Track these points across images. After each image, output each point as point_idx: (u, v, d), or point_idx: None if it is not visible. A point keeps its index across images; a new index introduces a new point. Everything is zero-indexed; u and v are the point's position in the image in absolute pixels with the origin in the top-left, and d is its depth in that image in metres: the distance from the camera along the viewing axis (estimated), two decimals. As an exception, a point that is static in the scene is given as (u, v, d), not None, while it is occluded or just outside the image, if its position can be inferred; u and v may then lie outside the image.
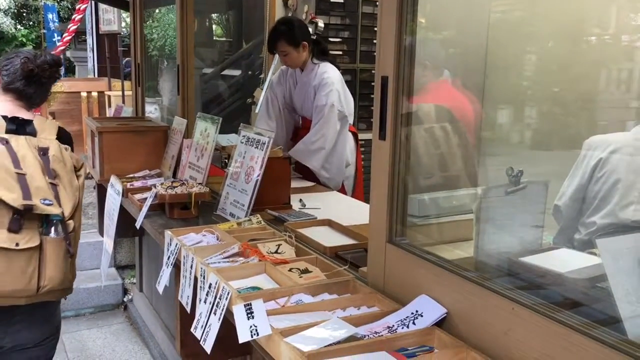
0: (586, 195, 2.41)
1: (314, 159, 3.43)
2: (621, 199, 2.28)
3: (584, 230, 2.25)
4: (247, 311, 1.52)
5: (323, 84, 3.41)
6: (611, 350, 1.12)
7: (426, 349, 1.41)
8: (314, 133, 3.43)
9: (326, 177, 3.51)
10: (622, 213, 2.24)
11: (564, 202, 2.44)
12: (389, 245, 1.72)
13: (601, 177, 2.38)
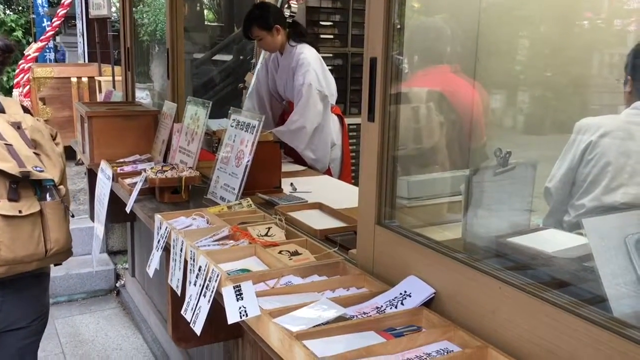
0: (576, 177, 2.42)
1: (297, 138, 3.44)
2: (610, 182, 2.29)
3: (573, 213, 2.26)
4: (236, 293, 1.52)
5: (300, 64, 3.41)
6: (597, 328, 1.13)
7: (414, 328, 1.42)
8: (295, 113, 3.45)
9: (312, 158, 3.52)
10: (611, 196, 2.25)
11: (554, 185, 2.45)
12: (378, 227, 1.72)
13: (591, 160, 2.39)
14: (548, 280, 1.36)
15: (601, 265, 1.30)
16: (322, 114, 3.48)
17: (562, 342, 1.19)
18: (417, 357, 1.29)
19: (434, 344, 1.35)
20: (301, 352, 1.27)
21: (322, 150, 3.55)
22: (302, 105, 3.41)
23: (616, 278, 1.29)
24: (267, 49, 3.59)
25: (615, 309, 1.22)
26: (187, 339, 2.41)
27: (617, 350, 1.09)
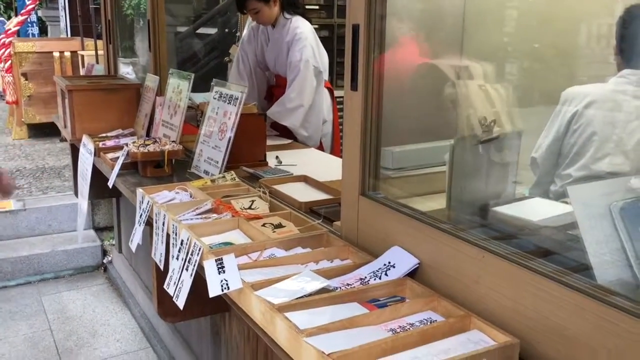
0: (562, 147, 2.40)
1: (293, 117, 3.38)
2: (596, 152, 2.28)
3: (559, 183, 2.25)
4: (218, 266, 1.50)
5: (296, 39, 3.33)
6: (582, 295, 1.12)
7: (398, 299, 1.41)
8: (292, 91, 3.37)
9: (305, 135, 3.47)
10: (597, 165, 2.24)
11: (540, 155, 2.44)
12: (361, 198, 1.70)
13: (577, 130, 2.37)
14: (532, 249, 1.34)
15: (585, 233, 1.29)
16: (315, 91, 3.43)
17: (546, 310, 1.18)
18: (400, 328, 1.28)
19: (417, 314, 1.34)
20: (283, 324, 1.25)
21: (315, 127, 3.51)
22: (300, 82, 3.35)
23: (600, 246, 1.28)
24: (263, 22, 3.49)
25: (600, 276, 1.22)
26: (173, 313, 2.40)
27: (602, 318, 1.08)
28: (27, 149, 6.37)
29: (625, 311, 1.04)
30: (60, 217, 4.54)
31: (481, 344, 1.20)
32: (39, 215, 4.48)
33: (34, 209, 4.48)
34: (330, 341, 1.18)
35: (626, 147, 2.23)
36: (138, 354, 3.29)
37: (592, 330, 1.09)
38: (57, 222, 4.53)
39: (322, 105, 3.52)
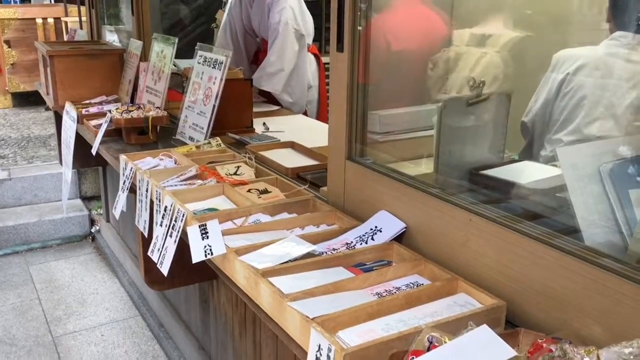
0: (552, 111, 2.37)
1: (274, 82, 3.32)
2: (587, 116, 2.26)
3: (549, 147, 2.23)
4: (202, 231, 1.47)
5: (276, 0, 3.26)
6: (569, 257, 1.11)
7: (384, 263, 1.39)
8: (271, 54, 3.31)
9: (289, 101, 3.42)
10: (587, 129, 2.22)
11: (530, 119, 2.41)
12: (348, 162, 1.67)
13: (567, 93, 2.34)
14: (520, 212, 1.32)
15: (574, 195, 1.27)
16: (297, 55, 3.36)
17: (533, 272, 1.17)
18: (386, 292, 1.26)
19: (403, 278, 1.32)
20: (267, 289, 1.23)
21: (299, 92, 3.45)
22: (279, 46, 3.28)
23: (589, 207, 1.26)
24: None
25: (588, 238, 1.20)
26: (160, 281, 2.37)
27: (589, 279, 1.06)
28: (11, 118, 6.27)
29: (613, 272, 1.03)
30: (46, 186, 4.48)
31: (468, 307, 1.18)
32: (25, 185, 4.42)
33: (20, 178, 4.42)
34: (314, 305, 1.16)
35: (616, 111, 2.20)
36: (127, 322, 3.28)
37: (579, 292, 1.08)
38: (43, 192, 4.48)
39: (305, 70, 3.46)
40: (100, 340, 3.10)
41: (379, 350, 1.03)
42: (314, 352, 1.07)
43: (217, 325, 2.48)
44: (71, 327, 3.22)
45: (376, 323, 1.14)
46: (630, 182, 1.28)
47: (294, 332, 1.16)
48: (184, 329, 2.86)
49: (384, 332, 1.10)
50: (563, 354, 0.88)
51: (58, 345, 3.05)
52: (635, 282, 0.99)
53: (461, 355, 0.96)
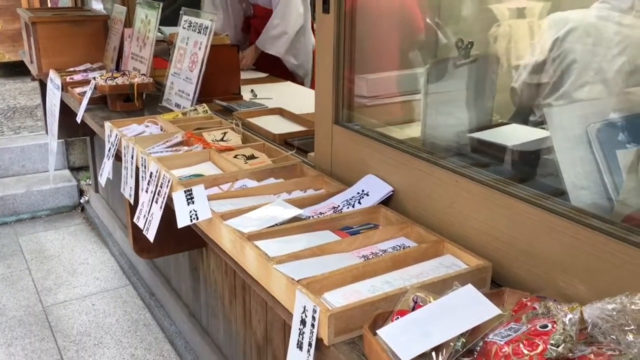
0: (542, 76, 2.36)
1: (277, 45, 3.30)
2: (576, 80, 2.24)
3: (539, 113, 2.22)
4: (187, 197, 1.46)
5: None
6: (555, 216, 1.10)
7: (371, 226, 1.39)
8: (275, 17, 3.29)
9: (294, 63, 3.40)
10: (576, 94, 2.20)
11: (519, 84, 2.39)
12: (335, 126, 1.65)
13: (557, 57, 2.32)
14: (507, 174, 1.32)
15: (561, 155, 1.27)
16: (303, 16, 3.33)
17: (519, 232, 1.17)
18: (372, 254, 1.26)
19: (390, 241, 1.32)
20: (252, 252, 1.22)
21: (304, 54, 3.42)
22: (282, 8, 3.25)
23: (576, 168, 1.25)
24: None
25: (574, 199, 1.20)
26: (149, 249, 2.37)
27: (575, 238, 1.06)
28: (-3, 89, 6.19)
29: (598, 231, 1.03)
30: (34, 157, 4.44)
31: (454, 268, 1.18)
32: (12, 156, 4.38)
33: (7, 149, 4.37)
34: (300, 268, 1.16)
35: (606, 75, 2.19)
36: (118, 291, 3.29)
37: (564, 251, 1.08)
38: (31, 162, 4.44)
39: (311, 31, 3.43)
40: (91, 310, 3.10)
41: (364, 311, 1.03)
42: (300, 314, 1.07)
43: (207, 292, 2.49)
44: (62, 297, 3.22)
45: (362, 285, 1.14)
46: (617, 142, 1.28)
47: (279, 294, 1.16)
48: (174, 298, 2.87)
49: (370, 293, 1.10)
50: (547, 311, 0.88)
51: (49, 315, 3.05)
52: (620, 240, 0.99)
53: (446, 313, 0.96)
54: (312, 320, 1.04)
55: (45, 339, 2.85)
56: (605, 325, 0.82)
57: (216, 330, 2.47)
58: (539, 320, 0.87)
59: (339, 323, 1.02)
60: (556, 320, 0.84)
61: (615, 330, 0.81)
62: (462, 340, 0.94)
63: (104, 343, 2.82)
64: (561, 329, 0.82)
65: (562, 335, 0.81)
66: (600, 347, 0.83)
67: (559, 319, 0.84)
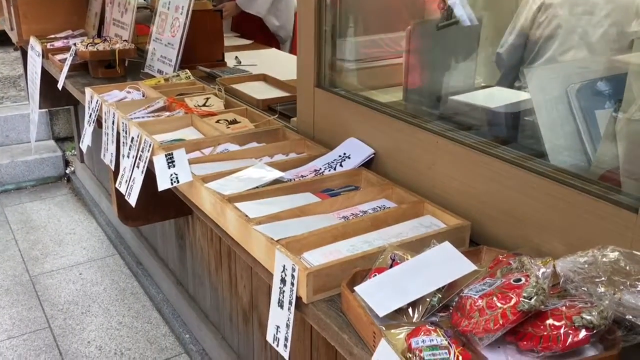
0: (528, 40, 2.35)
1: (258, 4, 3.26)
2: (561, 45, 2.23)
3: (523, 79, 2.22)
4: (168, 160, 1.45)
5: None
6: (533, 174, 1.11)
7: (352, 188, 1.39)
8: None
9: (276, 24, 3.36)
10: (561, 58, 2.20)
11: (505, 49, 2.38)
12: (317, 89, 1.64)
13: (543, 22, 2.31)
14: (487, 135, 1.32)
15: (541, 116, 1.27)
16: None
17: (497, 192, 1.17)
18: (352, 215, 1.26)
19: (371, 202, 1.32)
20: (233, 214, 1.22)
21: (286, 15, 3.38)
22: None
23: (555, 128, 1.26)
24: None
25: (553, 158, 1.20)
26: (134, 217, 2.37)
27: (552, 196, 1.07)
28: (-21, 59, 6.08)
29: (575, 188, 1.04)
30: (18, 127, 4.39)
31: (432, 228, 1.19)
32: (-5, 126, 4.33)
33: (-11, 119, 4.32)
34: (280, 229, 1.16)
35: (591, 39, 2.18)
36: (105, 261, 3.29)
37: (542, 209, 1.09)
38: (15, 133, 4.39)
39: None
40: (78, 279, 3.11)
41: (342, 269, 1.04)
42: (279, 273, 1.07)
43: (194, 260, 2.49)
44: (48, 267, 3.22)
45: (341, 244, 1.15)
46: (597, 103, 1.28)
47: (259, 255, 1.16)
48: (161, 266, 2.88)
49: (349, 252, 1.10)
50: (521, 265, 0.89)
51: (36, 284, 3.05)
52: (597, 197, 1.00)
53: (422, 270, 0.97)
54: (292, 279, 1.04)
55: (32, 308, 2.86)
56: (577, 278, 0.83)
57: (203, 297, 2.48)
58: (513, 275, 0.88)
59: (317, 281, 1.02)
60: (529, 274, 0.85)
61: (586, 283, 0.82)
62: (439, 296, 0.95)
63: (92, 311, 2.84)
64: (534, 282, 0.83)
65: (534, 288, 0.82)
66: (573, 300, 0.85)
67: (532, 272, 0.85)
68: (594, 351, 0.84)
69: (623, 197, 0.98)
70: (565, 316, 0.81)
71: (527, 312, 0.82)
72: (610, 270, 0.80)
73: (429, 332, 0.84)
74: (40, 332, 2.68)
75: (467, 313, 0.87)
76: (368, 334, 0.91)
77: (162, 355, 2.54)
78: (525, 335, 0.84)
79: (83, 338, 2.64)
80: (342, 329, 0.97)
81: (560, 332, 0.80)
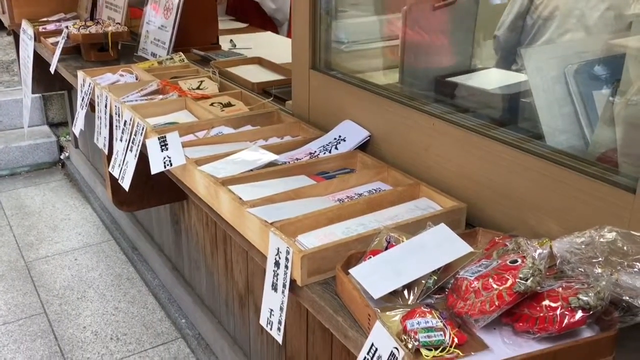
0: (525, 24, 2.33)
1: None
2: (559, 27, 2.21)
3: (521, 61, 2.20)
4: (161, 143, 1.44)
5: None
6: (530, 156, 1.10)
7: (347, 171, 1.38)
8: None
9: (272, 7, 3.33)
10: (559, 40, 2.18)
11: (502, 32, 2.36)
12: (312, 71, 1.62)
13: (540, 4, 2.29)
14: (484, 116, 1.30)
15: (538, 96, 1.25)
16: None
17: (494, 174, 1.16)
18: (348, 198, 1.25)
19: (366, 185, 1.31)
20: (226, 197, 1.21)
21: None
22: None
23: (553, 109, 1.24)
24: None
25: (550, 140, 1.19)
26: (129, 202, 2.36)
27: (548, 177, 1.06)
28: (-29, 44, 6.01)
29: (572, 169, 1.03)
30: (11, 112, 4.35)
31: (428, 210, 1.18)
32: (-11, 112, 4.30)
33: (-17, 105, 4.28)
34: (274, 211, 1.15)
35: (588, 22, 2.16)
36: (101, 246, 3.28)
37: (538, 190, 1.08)
38: (8, 118, 4.35)
39: None
40: (73, 264, 3.10)
41: (337, 251, 1.03)
42: (273, 256, 1.06)
43: (189, 245, 2.48)
44: (44, 252, 3.21)
45: (336, 227, 1.14)
46: (594, 83, 1.27)
47: (254, 238, 1.15)
48: (157, 251, 2.87)
49: (344, 235, 1.09)
50: (517, 246, 0.89)
51: (31, 270, 3.04)
52: (593, 178, 0.99)
53: (418, 252, 0.96)
54: (286, 262, 1.03)
55: (28, 294, 2.85)
56: (574, 259, 0.82)
57: (199, 282, 2.48)
58: (509, 256, 0.87)
59: (311, 264, 1.01)
60: (526, 256, 0.85)
61: (583, 264, 0.81)
62: (434, 277, 0.94)
63: (87, 297, 2.83)
64: (530, 263, 0.82)
65: (530, 269, 0.81)
66: (569, 281, 0.84)
67: (529, 254, 0.84)
68: (591, 332, 0.83)
69: (620, 178, 0.97)
70: (561, 297, 0.81)
71: (523, 293, 0.81)
72: (608, 251, 0.79)
73: (424, 314, 0.84)
74: (35, 318, 2.68)
75: (463, 295, 0.86)
76: (363, 316, 0.90)
77: (158, 340, 2.54)
78: (521, 316, 0.83)
79: (79, 323, 2.64)
80: (337, 312, 0.96)
81: (556, 313, 0.80)
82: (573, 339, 0.81)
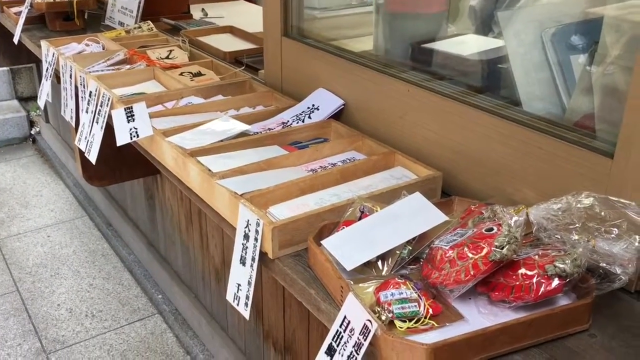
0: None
1: None
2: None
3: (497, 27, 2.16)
4: (127, 114, 1.38)
5: None
6: (505, 121, 1.08)
7: (320, 140, 1.34)
8: None
9: None
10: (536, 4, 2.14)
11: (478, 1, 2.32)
12: (284, 39, 1.57)
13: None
14: (460, 83, 1.27)
15: (515, 61, 1.22)
16: None
17: (470, 141, 1.13)
18: (321, 168, 1.21)
19: (340, 155, 1.28)
20: (195, 168, 1.17)
21: None
22: None
23: (530, 74, 1.21)
24: None
25: (527, 105, 1.16)
26: (100, 177, 2.30)
27: (525, 142, 1.03)
28: None
29: (548, 134, 1.00)
30: (-23, 87, 4.22)
31: (403, 179, 1.15)
32: (-46, 86, 4.16)
33: (-52, 79, 4.14)
34: (245, 183, 1.11)
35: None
36: (74, 222, 3.21)
37: (516, 157, 1.05)
38: (-26, 93, 4.22)
39: None
40: (46, 241, 3.03)
41: (309, 222, 1.00)
42: (242, 229, 1.03)
43: (164, 220, 2.44)
44: (15, 230, 3.14)
45: (309, 198, 1.10)
46: (572, 48, 1.24)
47: (224, 211, 1.11)
48: (132, 227, 2.82)
49: (317, 206, 1.06)
50: (493, 214, 0.86)
51: (2, 247, 2.97)
52: (570, 143, 0.97)
53: (392, 222, 0.93)
54: (256, 234, 1.00)
55: (-1, 272, 2.79)
56: (550, 226, 0.80)
57: (174, 258, 2.44)
58: (484, 225, 0.85)
59: (283, 236, 0.98)
60: (502, 223, 0.82)
61: (560, 230, 0.79)
62: (409, 248, 0.92)
63: (61, 274, 2.78)
64: (506, 231, 0.80)
65: (506, 237, 0.79)
66: (546, 248, 0.82)
67: (505, 221, 0.82)
68: (567, 300, 0.82)
69: (598, 143, 0.95)
70: (537, 265, 0.79)
71: (499, 261, 0.79)
72: (585, 217, 0.77)
73: (398, 285, 0.81)
74: (8, 296, 2.62)
75: (438, 265, 0.84)
76: (335, 288, 0.88)
77: (134, 316, 2.51)
78: (497, 285, 0.81)
79: (52, 301, 2.59)
80: (310, 284, 0.93)
81: (532, 281, 0.78)
82: (549, 307, 0.79)
